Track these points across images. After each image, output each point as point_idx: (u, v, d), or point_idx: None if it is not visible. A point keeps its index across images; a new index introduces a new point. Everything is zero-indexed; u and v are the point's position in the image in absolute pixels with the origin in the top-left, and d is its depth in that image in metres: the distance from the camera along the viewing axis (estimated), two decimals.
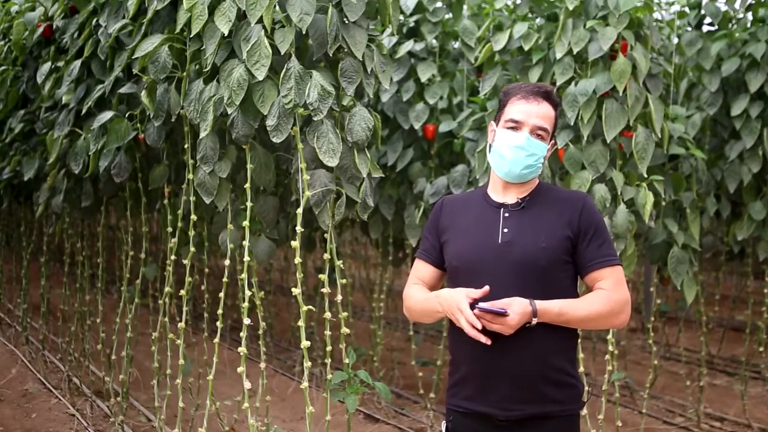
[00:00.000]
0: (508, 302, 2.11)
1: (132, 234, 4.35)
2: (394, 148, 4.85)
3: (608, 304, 2.19)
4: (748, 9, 4.84)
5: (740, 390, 5.18)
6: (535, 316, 2.13)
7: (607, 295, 2.20)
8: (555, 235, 2.20)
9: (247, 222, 3.08)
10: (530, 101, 2.24)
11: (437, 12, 4.80)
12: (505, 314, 2.09)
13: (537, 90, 2.26)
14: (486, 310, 2.10)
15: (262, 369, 3.24)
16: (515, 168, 2.24)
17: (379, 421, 5.00)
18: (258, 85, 2.91)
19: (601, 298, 2.19)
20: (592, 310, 2.18)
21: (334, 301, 3.05)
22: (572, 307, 2.17)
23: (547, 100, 2.26)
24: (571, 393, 2.24)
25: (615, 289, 2.20)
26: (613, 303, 2.19)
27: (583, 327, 2.25)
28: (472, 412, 2.25)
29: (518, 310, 2.11)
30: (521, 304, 2.12)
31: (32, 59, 4.61)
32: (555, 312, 2.15)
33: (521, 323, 2.12)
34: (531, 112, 2.23)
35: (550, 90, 2.29)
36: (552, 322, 2.16)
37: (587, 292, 2.26)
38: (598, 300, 2.19)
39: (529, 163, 2.24)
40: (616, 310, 2.20)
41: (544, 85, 2.31)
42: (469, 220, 2.30)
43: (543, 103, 2.25)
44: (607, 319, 2.21)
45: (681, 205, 4.22)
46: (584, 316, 2.18)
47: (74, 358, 5.26)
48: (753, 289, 6.21)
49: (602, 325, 2.25)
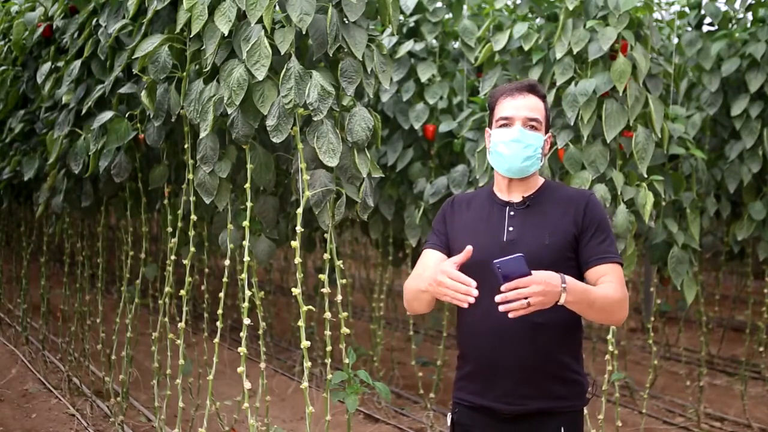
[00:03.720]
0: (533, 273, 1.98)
1: (132, 234, 4.35)
2: (394, 148, 4.85)
3: (618, 292, 2.16)
4: (748, 9, 4.83)
5: (740, 390, 5.18)
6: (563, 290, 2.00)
7: (613, 286, 2.18)
8: (559, 233, 2.22)
9: (247, 222, 3.09)
10: (516, 97, 2.27)
11: (437, 12, 4.80)
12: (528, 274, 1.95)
13: (520, 86, 2.30)
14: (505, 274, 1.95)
15: (262, 369, 3.24)
16: (515, 162, 2.25)
17: (379, 421, 5.00)
18: (258, 85, 2.91)
19: (613, 287, 2.16)
20: (609, 294, 2.14)
21: (334, 301, 3.05)
22: (594, 289, 2.12)
23: (533, 93, 2.29)
24: (576, 389, 2.26)
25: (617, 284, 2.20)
26: (620, 294, 2.18)
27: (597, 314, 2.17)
28: (477, 406, 2.27)
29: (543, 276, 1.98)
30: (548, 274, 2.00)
31: (32, 59, 4.61)
32: (581, 288, 2.07)
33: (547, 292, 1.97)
34: (519, 106, 2.26)
35: (534, 83, 2.32)
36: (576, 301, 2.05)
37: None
38: (611, 288, 2.16)
39: (528, 155, 2.25)
40: (623, 302, 2.19)
41: (527, 81, 2.35)
42: (476, 218, 2.32)
43: (529, 96, 2.28)
44: (615, 311, 2.18)
45: (681, 205, 4.22)
46: (605, 299, 2.12)
47: (74, 358, 5.26)
48: (753, 289, 6.20)
49: (612, 314, 2.20)
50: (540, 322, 2.14)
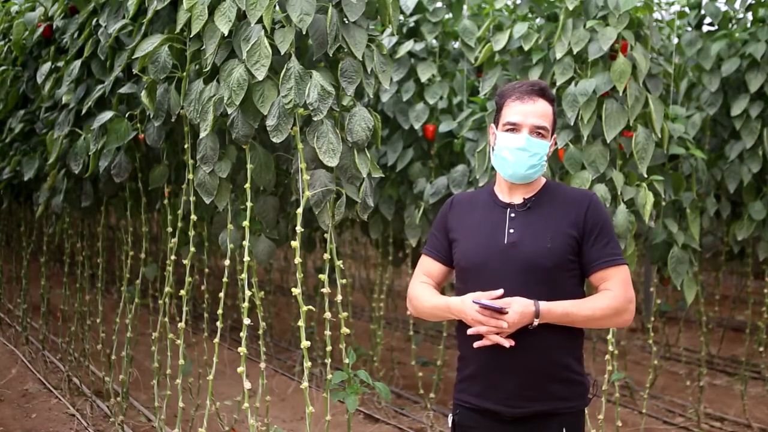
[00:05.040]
0: (509, 301, 2.12)
1: (132, 234, 4.35)
2: (394, 148, 4.85)
3: (613, 303, 2.19)
4: (748, 9, 4.83)
5: (740, 390, 5.18)
6: (536, 317, 2.13)
7: (611, 295, 2.20)
8: (560, 235, 2.20)
9: (247, 222, 3.08)
10: (525, 101, 2.23)
11: (437, 12, 4.79)
12: (505, 312, 2.10)
13: (531, 89, 2.25)
14: (486, 306, 2.10)
15: (262, 369, 3.24)
16: (519, 169, 2.24)
17: (379, 421, 5.00)
18: (258, 85, 2.91)
19: (606, 298, 2.20)
20: (597, 309, 2.18)
21: (334, 301, 3.05)
22: (577, 307, 2.18)
23: (543, 98, 2.25)
24: (577, 390, 2.26)
25: (620, 288, 2.21)
26: (618, 302, 2.19)
27: (588, 326, 2.25)
28: (479, 408, 2.26)
29: (518, 309, 2.11)
30: (523, 303, 2.12)
31: (32, 59, 4.61)
32: (559, 312, 2.15)
33: (521, 323, 2.12)
34: (528, 112, 2.23)
35: (544, 86, 2.28)
36: (556, 322, 2.16)
37: (594, 292, 2.26)
38: (603, 300, 2.20)
39: (533, 163, 2.24)
40: (621, 309, 2.20)
41: (537, 83, 2.30)
42: (477, 220, 2.31)
43: (539, 101, 2.24)
44: (612, 318, 2.22)
45: (681, 205, 4.22)
46: (589, 316, 2.18)
47: (74, 358, 5.26)
48: (753, 289, 6.20)
49: (607, 324, 2.26)
50: (542, 325, 2.15)
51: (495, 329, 2.12)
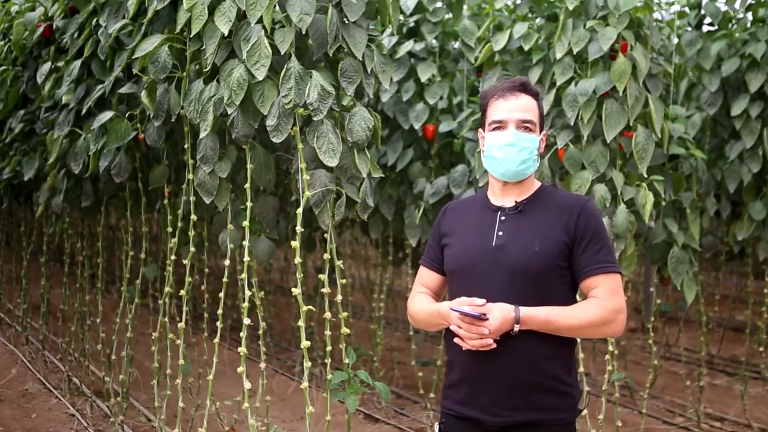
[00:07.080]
0: (490, 307, 2.08)
1: (132, 234, 4.35)
2: (394, 148, 4.85)
3: (599, 312, 2.11)
4: (748, 9, 4.84)
5: (740, 390, 5.18)
6: (517, 323, 2.07)
7: (599, 303, 2.12)
8: (550, 239, 2.15)
9: (247, 222, 3.08)
10: (508, 98, 2.21)
11: (437, 12, 4.80)
12: (485, 318, 2.06)
13: (512, 86, 2.23)
14: (464, 314, 2.07)
15: (262, 369, 3.24)
16: (511, 166, 2.20)
17: (379, 421, 4.99)
18: (258, 85, 2.91)
19: (593, 307, 2.12)
20: (582, 318, 2.11)
21: (334, 301, 3.05)
22: (560, 315, 2.11)
23: (525, 92, 2.23)
24: (565, 401, 2.18)
25: (609, 297, 2.13)
26: (605, 312, 2.12)
27: (573, 335, 2.17)
28: (463, 416, 2.21)
29: (499, 315, 2.06)
30: (503, 309, 2.08)
31: (32, 59, 4.61)
32: (541, 319, 2.09)
33: (501, 330, 2.08)
34: (512, 108, 2.21)
35: (525, 81, 2.25)
36: (539, 329, 2.10)
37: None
38: (588, 308, 2.12)
39: (524, 158, 2.20)
40: (609, 319, 2.12)
41: (518, 79, 2.27)
42: (468, 223, 2.28)
43: (521, 96, 2.22)
44: (598, 328, 2.14)
45: (681, 205, 4.22)
46: (573, 325, 2.11)
47: (74, 358, 5.26)
48: (753, 289, 6.21)
49: (593, 334, 2.19)
50: (524, 331, 2.10)
51: (476, 335, 2.08)
